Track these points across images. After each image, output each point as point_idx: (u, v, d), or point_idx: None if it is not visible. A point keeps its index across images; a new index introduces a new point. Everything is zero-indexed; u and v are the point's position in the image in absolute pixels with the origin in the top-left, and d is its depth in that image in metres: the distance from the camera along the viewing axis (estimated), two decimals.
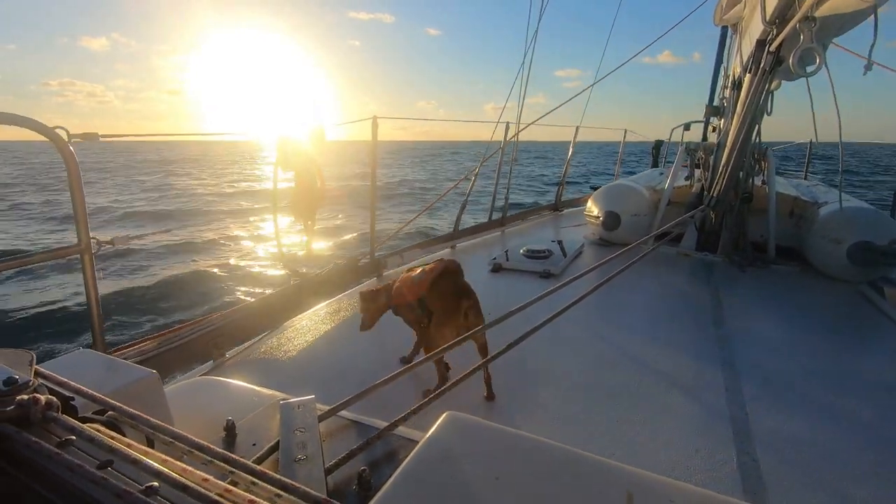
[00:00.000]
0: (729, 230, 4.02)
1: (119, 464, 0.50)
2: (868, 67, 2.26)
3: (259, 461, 0.88)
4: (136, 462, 0.48)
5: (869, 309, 3.03)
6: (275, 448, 0.89)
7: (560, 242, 4.20)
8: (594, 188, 5.13)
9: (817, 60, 2.28)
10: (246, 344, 2.38)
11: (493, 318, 1.44)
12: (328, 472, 0.84)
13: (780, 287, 3.45)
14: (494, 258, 3.72)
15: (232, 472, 0.54)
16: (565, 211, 6.51)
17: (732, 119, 3.79)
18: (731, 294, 3.21)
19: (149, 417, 0.58)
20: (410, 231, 9.06)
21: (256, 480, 0.53)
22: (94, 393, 0.61)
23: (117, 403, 0.60)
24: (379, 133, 3.16)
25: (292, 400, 1.04)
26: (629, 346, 2.43)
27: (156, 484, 0.47)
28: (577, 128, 6.17)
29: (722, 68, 5.94)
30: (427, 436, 0.82)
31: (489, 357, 1.30)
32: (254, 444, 0.96)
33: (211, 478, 0.50)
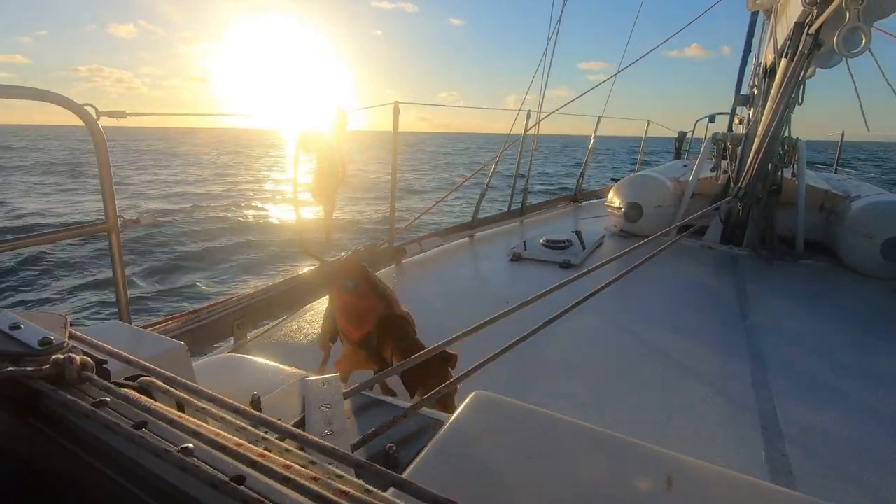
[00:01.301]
0: (756, 223, 3.91)
1: (154, 425, 0.49)
2: None
3: (291, 434, 0.87)
4: (172, 423, 0.47)
5: None
6: (301, 424, 0.89)
7: (579, 233, 4.14)
8: (615, 179, 5.05)
9: (864, 41, 2.18)
10: (267, 326, 2.40)
11: (512, 307, 1.40)
12: (355, 447, 0.84)
13: (809, 282, 3.35)
14: (514, 248, 3.69)
15: (265, 439, 0.53)
16: (585, 202, 6.42)
17: (763, 108, 3.67)
18: (757, 288, 3.13)
19: (185, 381, 0.57)
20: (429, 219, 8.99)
21: (290, 447, 0.51)
22: (129, 356, 0.60)
23: (152, 366, 0.59)
24: (400, 124, 3.14)
25: (317, 377, 1.03)
26: (652, 338, 2.38)
27: (190, 445, 0.46)
28: (600, 118, 6.06)
29: (751, 56, 5.76)
30: (455, 414, 0.81)
31: (507, 346, 1.27)
32: (279, 420, 0.96)
33: (245, 442, 0.49)
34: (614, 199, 4.50)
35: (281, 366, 1.21)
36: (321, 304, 2.65)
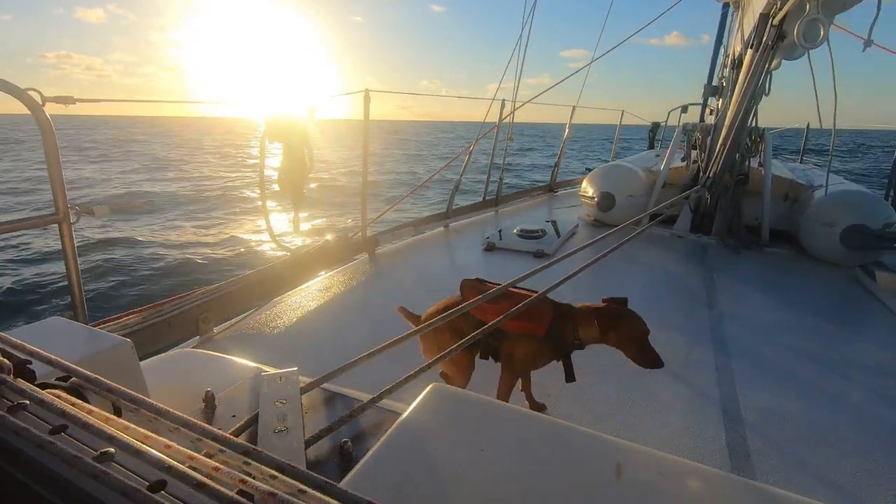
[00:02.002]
0: (724, 212, 4.00)
1: (74, 430, 0.46)
2: (867, 44, 2.22)
3: (237, 433, 0.85)
4: (89, 427, 0.45)
5: (860, 293, 3.04)
6: (254, 420, 0.86)
7: (554, 223, 4.17)
8: (590, 169, 5.09)
9: (822, 33, 2.23)
10: (234, 319, 2.34)
11: (484, 295, 1.43)
12: (308, 443, 0.82)
13: (774, 270, 3.45)
14: (488, 237, 3.69)
15: (199, 440, 0.51)
16: (560, 192, 6.46)
17: (731, 98, 3.73)
18: (724, 276, 3.21)
19: (108, 381, 0.54)
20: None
21: (224, 448, 0.49)
22: (52, 356, 0.57)
23: (75, 367, 0.56)
24: (380, 112, 3.09)
25: (274, 372, 1.01)
26: None
27: (111, 450, 0.43)
28: (574, 108, 6.09)
29: (722, 48, 5.85)
30: (410, 407, 0.80)
31: (476, 332, 1.27)
32: (233, 416, 0.93)
33: (175, 444, 0.47)
34: (588, 188, 4.53)
35: (241, 360, 1.18)
36: (291, 297, 2.61)
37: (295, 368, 1.02)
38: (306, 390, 0.97)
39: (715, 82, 5.47)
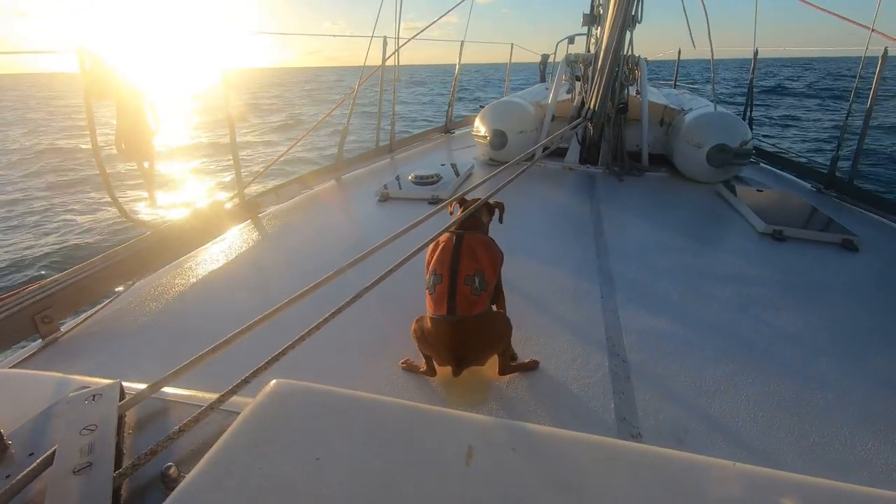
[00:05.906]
0: (608, 141, 4.16)
1: None
2: None
3: (26, 480, 0.68)
4: None
5: (723, 207, 3.35)
6: (50, 460, 0.70)
7: (454, 165, 4.10)
8: (482, 106, 5.01)
9: None
10: (86, 314, 2.02)
11: (376, 246, 1.35)
12: (122, 476, 0.68)
13: (652, 194, 3.68)
14: (385, 186, 3.53)
15: None
16: (456, 132, 6.36)
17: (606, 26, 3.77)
18: (609, 204, 3.36)
19: None
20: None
21: None
22: None
23: None
24: (289, 60, 2.72)
25: (85, 390, 0.83)
26: (513, 263, 2.44)
27: None
28: (462, 42, 5.88)
29: None
30: (243, 413, 0.68)
31: (372, 283, 1.16)
32: (31, 455, 0.75)
33: None
34: (479, 127, 4.47)
35: (59, 376, 0.97)
36: (156, 280, 2.30)
37: (116, 381, 0.85)
38: (128, 407, 0.81)
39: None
